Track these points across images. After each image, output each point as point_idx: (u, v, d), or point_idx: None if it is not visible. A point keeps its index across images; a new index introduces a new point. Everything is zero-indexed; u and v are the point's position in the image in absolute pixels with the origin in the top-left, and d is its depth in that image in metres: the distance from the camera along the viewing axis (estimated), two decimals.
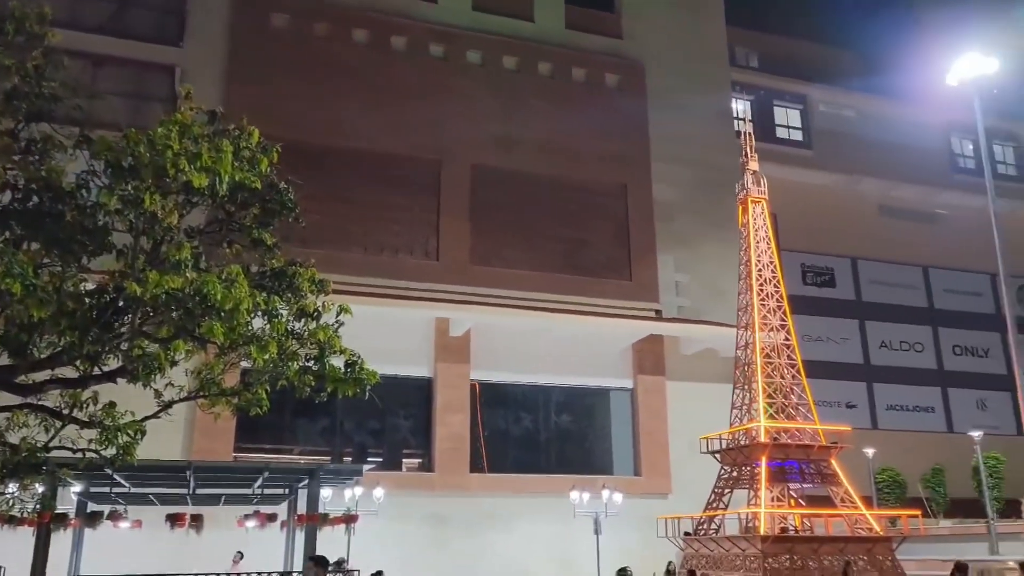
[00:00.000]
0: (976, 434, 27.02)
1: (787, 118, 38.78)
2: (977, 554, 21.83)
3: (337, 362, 9.41)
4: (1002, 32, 31.42)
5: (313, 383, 9.31)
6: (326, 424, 26.36)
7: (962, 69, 18.54)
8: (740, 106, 37.65)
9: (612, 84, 31.22)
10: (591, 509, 23.85)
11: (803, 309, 38.63)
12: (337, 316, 9.66)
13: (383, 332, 23.54)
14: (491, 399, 27.72)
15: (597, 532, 23.55)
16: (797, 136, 38.73)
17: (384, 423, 27.20)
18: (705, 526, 18.62)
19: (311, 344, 9.34)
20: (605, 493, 23.44)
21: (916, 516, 19.22)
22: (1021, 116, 41.43)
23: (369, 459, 25.36)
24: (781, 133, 38.47)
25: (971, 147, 41.08)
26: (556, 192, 29.31)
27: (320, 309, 9.55)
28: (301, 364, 9.30)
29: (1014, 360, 19.21)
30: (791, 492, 19.08)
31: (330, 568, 16.47)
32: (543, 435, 28.54)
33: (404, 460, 27.51)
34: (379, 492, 21.93)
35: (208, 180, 8.29)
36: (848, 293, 39.37)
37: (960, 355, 40.11)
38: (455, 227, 27.84)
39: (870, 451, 29.94)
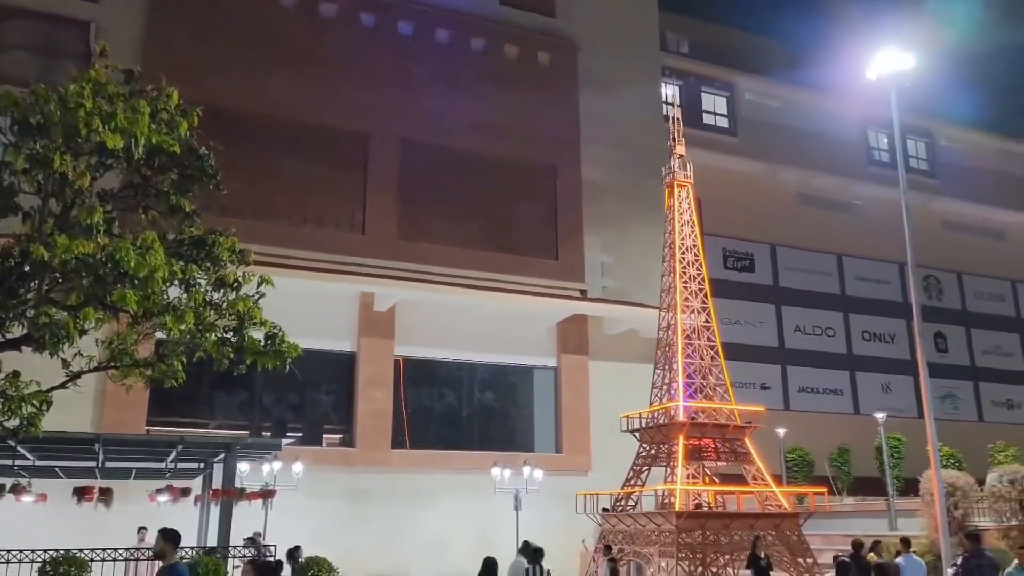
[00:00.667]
0: (880, 416, 28.34)
1: (714, 105, 39.48)
2: (878, 530, 22.95)
3: (257, 334, 9.18)
4: (920, 28, 32.61)
5: (232, 355, 9.07)
6: (244, 398, 25.82)
7: (880, 64, 19.17)
8: (670, 91, 38.15)
9: (544, 63, 31.19)
10: (512, 486, 24.10)
11: (723, 293, 39.59)
12: (258, 287, 9.43)
13: (306, 305, 23.19)
14: (415, 375, 27.62)
15: (517, 508, 23.82)
16: (723, 123, 39.50)
17: (305, 397, 26.82)
18: (623, 502, 19.02)
19: (230, 315, 9.09)
20: (526, 470, 23.71)
21: (822, 493, 20.04)
22: (934, 112, 43.17)
23: (289, 434, 24.98)
24: (708, 119, 39.16)
25: (886, 140, 42.61)
26: (485, 169, 29.22)
27: (240, 280, 9.30)
28: (219, 335, 9.05)
29: (918, 346, 20.13)
30: (706, 470, 19.63)
31: (244, 543, 16.25)
32: (466, 412, 28.62)
33: (325, 435, 27.21)
34: (298, 467, 21.66)
35: (123, 142, 7.95)
36: (766, 278, 40.52)
37: (868, 340, 41.80)
38: (382, 201, 27.49)
39: (782, 431, 31.07)
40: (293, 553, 15.26)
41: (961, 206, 44.06)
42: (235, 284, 9.22)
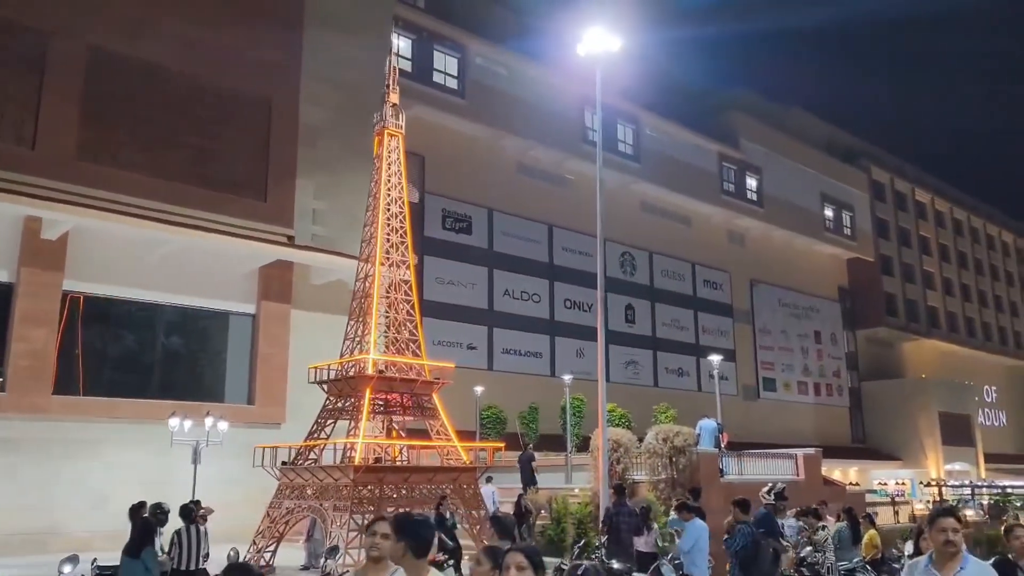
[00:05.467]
0: (567, 378, 30.25)
1: (445, 65, 39.41)
2: (556, 483, 24.56)
3: None
4: (642, 17, 34.75)
5: None
6: None
7: (589, 43, 19.97)
8: (403, 44, 37.47)
9: None
10: (193, 437, 22.49)
11: (440, 252, 40.12)
12: None
13: None
14: (91, 314, 24.70)
15: (196, 462, 22.30)
16: (453, 84, 39.58)
17: None
18: (304, 456, 18.36)
19: None
20: (208, 421, 22.21)
21: (500, 449, 20.85)
22: (642, 101, 46.70)
23: None
24: (438, 78, 39.02)
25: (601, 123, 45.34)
26: (192, 95, 26.63)
27: None
28: None
29: (599, 314, 21.57)
30: (394, 424, 19.54)
31: None
32: (149, 357, 26.18)
33: None
34: None
35: None
36: (482, 241, 41.55)
37: (569, 308, 44.59)
38: (60, 113, 23.99)
39: (479, 389, 32.12)
40: None
41: (658, 191, 48.32)
42: None
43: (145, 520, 8.55)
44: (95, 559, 10.56)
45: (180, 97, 26.35)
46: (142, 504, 10.96)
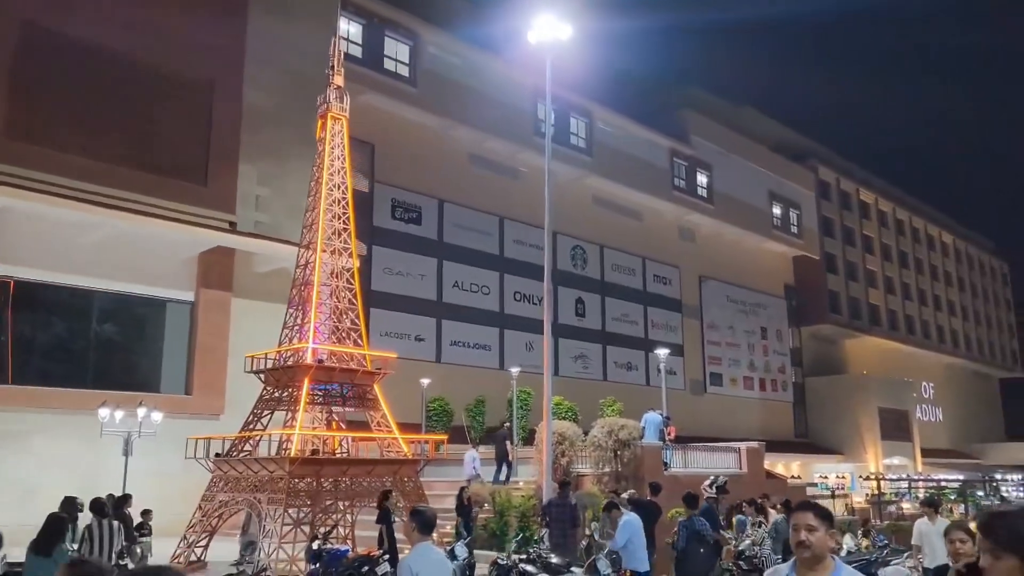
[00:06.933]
0: (515, 370, 30.08)
1: (396, 52, 38.78)
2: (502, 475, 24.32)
3: None
4: (590, 10, 34.62)
5: None
6: None
7: (540, 29, 19.77)
8: (352, 28, 36.77)
9: None
10: (125, 428, 21.77)
11: (390, 243, 39.57)
12: None
13: None
14: (20, 300, 23.78)
15: (127, 453, 21.61)
16: (404, 72, 38.97)
17: None
18: (239, 448, 17.83)
19: None
20: (141, 411, 21.51)
21: (443, 441, 20.56)
22: (595, 95, 46.66)
23: None
24: (389, 65, 38.38)
25: (552, 115, 45.12)
26: (131, 76, 25.72)
27: None
28: None
29: (546, 307, 21.43)
30: (334, 415, 19.11)
31: None
32: (81, 345, 25.28)
33: None
34: None
35: None
36: (432, 232, 41.09)
37: (519, 301, 44.38)
38: None
39: (426, 381, 31.74)
40: None
41: (610, 186, 48.34)
42: None
43: (56, 516, 8.06)
44: (4, 555, 10.01)
45: (119, 78, 25.43)
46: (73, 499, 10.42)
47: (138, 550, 15.17)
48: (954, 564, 4.96)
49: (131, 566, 11.46)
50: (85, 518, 11.05)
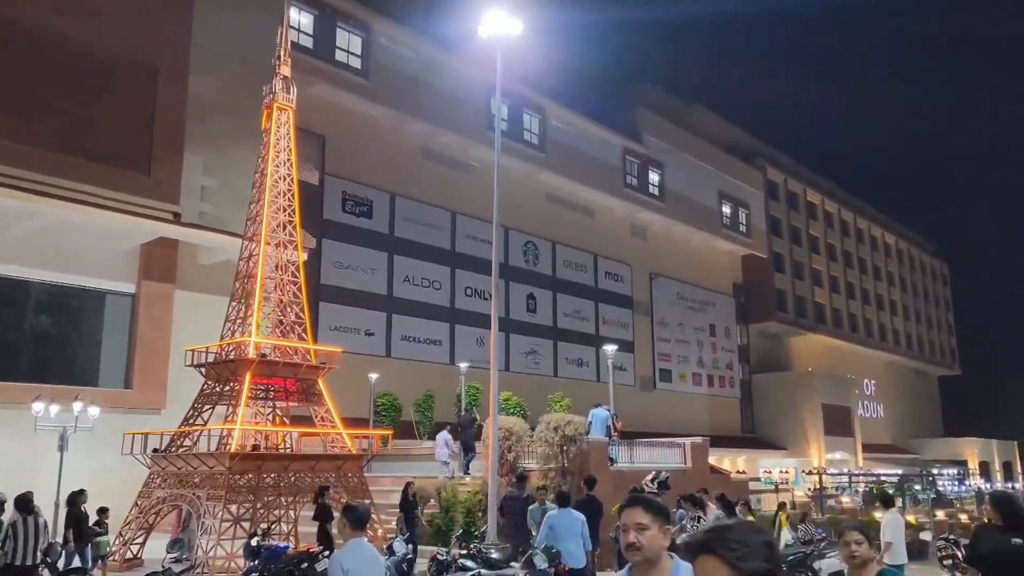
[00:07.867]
0: (463, 365, 29.99)
1: (348, 43, 38.30)
2: (450, 471, 24.17)
3: None
4: (542, 5, 34.60)
5: None
6: None
7: (490, 24, 19.63)
8: (303, 18, 36.21)
9: None
10: (60, 423, 21.11)
11: (340, 236, 39.11)
12: None
13: None
14: None
15: (62, 449, 20.94)
16: (356, 64, 38.52)
17: None
18: (179, 443, 17.45)
19: None
20: (76, 406, 20.89)
21: (388, 436, 20.39)
22: (549, 91, 46.71)
23: None
24: (341, 56, 37.91)
25: (505, 110, 45.07)
26: (70, 59, 24.94)
27: None
28: None
29: (493, 302, 21.34)
30: (277, 410, 18.81)
31: None
32: (14, 337, 24.50)
33: None
34: None
35: None
36: (383, 226, 40.73)
37: (470, 296, 44.26)
38: None
39: (374, 376, 31.48)
40: None
41: (563, 182, 48.48)
42: None
43: None
44: None
45: (56, 61, 24.64)
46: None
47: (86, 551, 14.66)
48: (849, 566, 4.80)
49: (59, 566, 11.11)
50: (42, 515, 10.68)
